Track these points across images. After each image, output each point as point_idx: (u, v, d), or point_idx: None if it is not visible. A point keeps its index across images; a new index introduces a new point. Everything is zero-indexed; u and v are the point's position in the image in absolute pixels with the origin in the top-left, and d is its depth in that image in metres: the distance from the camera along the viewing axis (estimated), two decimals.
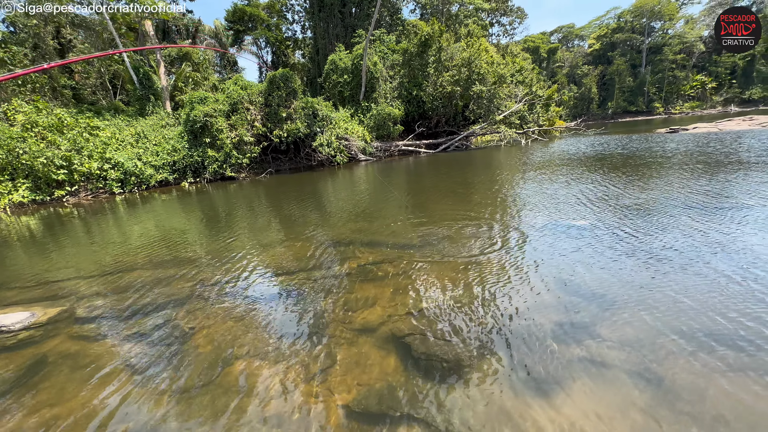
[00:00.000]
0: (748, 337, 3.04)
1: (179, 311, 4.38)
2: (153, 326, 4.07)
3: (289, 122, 20.70)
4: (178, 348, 3.60)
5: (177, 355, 3.49)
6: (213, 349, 3.51)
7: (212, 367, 3.25)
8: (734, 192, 7.63)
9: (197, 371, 3.21)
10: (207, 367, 3.25)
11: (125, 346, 3.72)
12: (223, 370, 3.18)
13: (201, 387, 3.00)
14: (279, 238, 7.29)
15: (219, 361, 3.33)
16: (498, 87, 27.10)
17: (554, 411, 2.48)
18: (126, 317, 4.36)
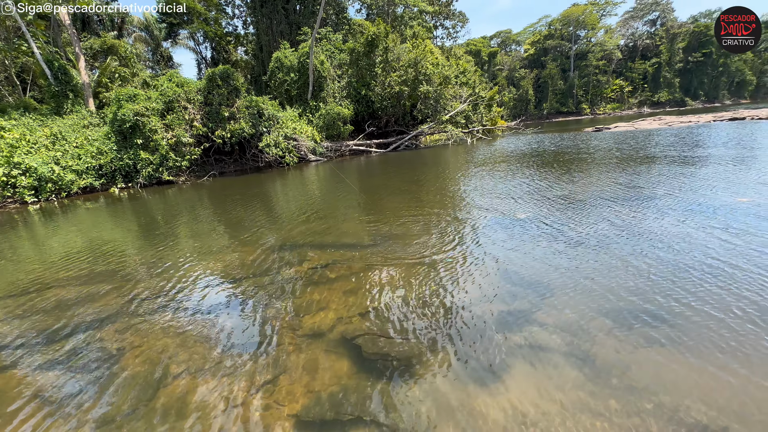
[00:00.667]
0: (661, 312, 3.41)
1: (106, 331, 3.93)
2: (73, 351, 3.61)
3: (232, 122, 19.66)
4: (103, 373, 3.22)
5: (101, 380, 3.12)
6: (145, 370, 3.20)
7: (144, 390, 2.95)
8: (646, 183, 8.58)
9: (126, 397, 2.89)
10: (138, 391, 2.94)
11: (40, 376, 3.26)
12: (158, 393, 2.91)
13: (130, 414, 2.71)
14: (223, 243, 6.87)
15: (152, 382, 3.03)
16: (443, 88, 28.00)
17: (498, 397, 2.59)
18: (42, 342, 3.82)
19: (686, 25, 71.21)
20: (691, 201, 6.79)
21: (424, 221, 7.03)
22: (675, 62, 70.64)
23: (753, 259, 4.24)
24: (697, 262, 4.29)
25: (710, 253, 4.50)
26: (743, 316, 3.21)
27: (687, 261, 4.35)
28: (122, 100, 17.37)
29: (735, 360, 2.73)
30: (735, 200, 6.56)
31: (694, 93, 72.70)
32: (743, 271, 3.98)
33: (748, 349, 2.83)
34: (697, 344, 2.94)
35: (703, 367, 2.70)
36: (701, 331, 3.09)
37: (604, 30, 72.31)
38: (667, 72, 70.18)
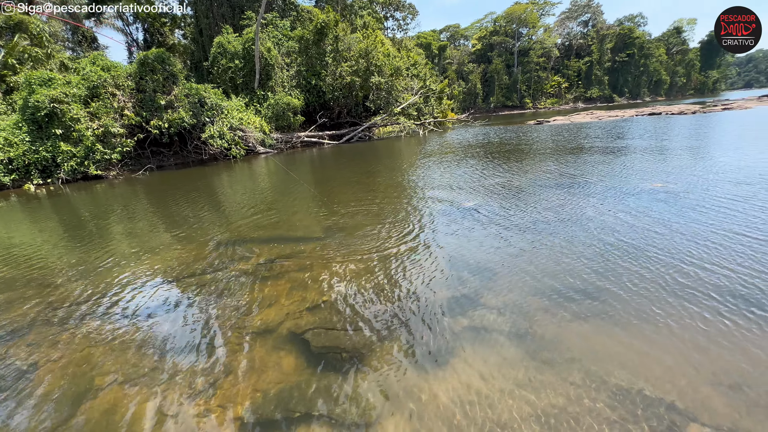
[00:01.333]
0: (589, 288, 3.70)
1: (15, 346, 3.45)
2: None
3: (170, 111, 18.15)
4: (10, 393, 2.82)
5: (7, 404, 2.73)
6: (64, 386, 2.85)
7: (61, 408, 2.63)
8: (578, 171, 9.31)
9: (37, 419, 2.56)
10: (53, 411, 2.62)
11: None
12: (78, 410, 2.61)
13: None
14: (161, 242, 6.35)
15: (71, 399, 2.72)
16: (395, 79, 28.08)
17: (446, 381, 2.66)
18: None
19: (613, 28, 77.87)
20: (614, 187, 7.47)
21: (376, 212, 7.02)
22: (604, 61, 77.10)
23: (664, 239, 4.76)
24: (619, 242, 4.73)
25: (629, 234, 4.98)
26: (658, 289, 3.59)
27: (611, 241, 4.78)
28: (34, 84, 15.27)
29: (650, 328, 3.05)
30: (650, 185, 7.32)
31: (620, 90, 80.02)
32: (658, 250, 4.45)
33: (661, 317, 3.17)
34: (619, 316, 3.23)
35: (623, 336, 2.98)
36: (622, 304, 3.41)
37: (543, 29, 76.81)
38: (597, 70, 76.44)
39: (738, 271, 3.77)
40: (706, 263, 4.00)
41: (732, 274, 3.73)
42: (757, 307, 3.17)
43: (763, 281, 3.54)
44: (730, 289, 3.46)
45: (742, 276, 3.68)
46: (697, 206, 5.87)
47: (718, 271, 3.80)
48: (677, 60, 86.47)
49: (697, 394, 2.36)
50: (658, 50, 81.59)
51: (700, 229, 4.96)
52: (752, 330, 2.90)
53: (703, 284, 3.60)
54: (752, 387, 2.38)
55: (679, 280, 3.71)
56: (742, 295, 3.36)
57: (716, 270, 3.84)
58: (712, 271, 3.83)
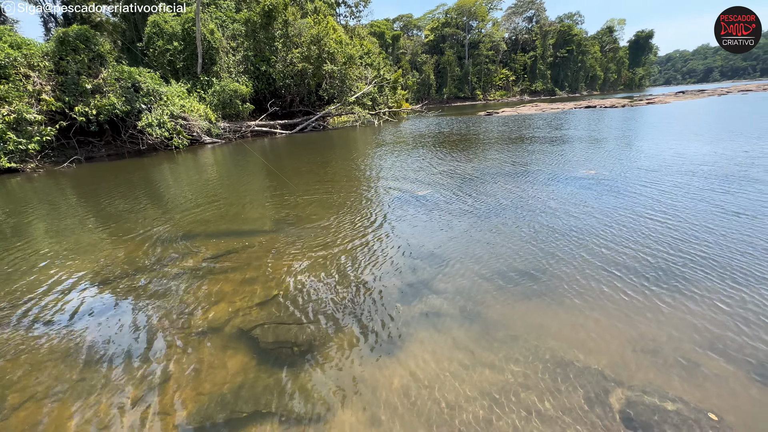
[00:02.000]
0: (533, 270, 3.95)
1: None
2: None
3: (98, 96, 16.40)
4: None
5: None
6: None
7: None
8: (522, 160, 9.86)
9: None
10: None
11: None
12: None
13: None
14: (92, 240, 5.76)
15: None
16: (348, 67, 27.62)
17: (400, 367, 2.70)
18: None
19: (554, 24, 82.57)
20: (553, 174, 8.00)
21: (329, 203, 6.91)
22: (547, 56, 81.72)
23: (595, 222, 5.19)
24: (556, 226, 5.09)
25: (565, 218, 5.37)
26: (589, 268, 3.92)
27: (549, 225, 5.13)
28: None
29: (582, 303, 3.32)
30: (585, 172, 7.94)
31: (561, 84, 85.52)
32: (590, 232, 4.85)
33: (591, 293, 3.47)
34: (556, 294, 3.48)
35: (560, 312, 3.22)
36: (559, 282, 3.67)
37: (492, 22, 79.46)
38: (541, 65, 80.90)
39: (655, 250, 4.22)
40: (631, 243, 4.42)
41: (651, 252, 4.17)
42: (665, 283, 3.57)
43: (673, 258, 4.00)
44: (648, 265, 3.87)
45: (658, 254, 4.12)
46: (623, 191, 6.46)
47: (639, 250, 4.23)
48: (610, 57, 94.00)
49: (621, 360, 2.62)
50: (594, 47, 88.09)
51: (625, 212, 5.47)
52: (662, 302, 3.27)
53: (626, 262, 3.98)
54: (664, 350, 2.68)
55: (606, 258, 4.08)
56: (657, 270, 3.76)
57: (637, 249, 4.26)
58: (634, 249, 4.25)
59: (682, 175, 7.20)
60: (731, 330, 2.83)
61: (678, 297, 3.30)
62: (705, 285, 3.44)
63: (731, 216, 5.01)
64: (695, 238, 4.41)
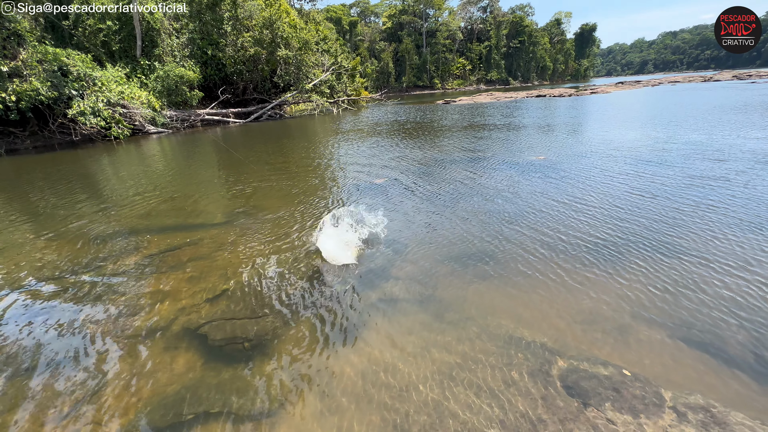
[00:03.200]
0: (484, 253, 4.10)
1: None
2: None
3: (17, 81, 14.58)
4: None
5: None
6: None
7: None
8: (477, 147, 10.16)
9: None
10: None
11: None
12: None
13: None
14: (19, 239, 5.16)
15: None
16: (304, 53, 26.71)
17: (357, 354, 2.70)
18: None
19: (507, 15, 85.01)
20: (505, 160, 8.33)
21: (284, 194, 6.71)
22: (501, 47, 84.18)
23: (541, 205, 5.49)
24: (505, 209, 5.31)
25: (514, 201, 5.63)
26: (534, 248, 4.14)
27: (499, 209, 5.35)
28: None
29: (529, 282, 3.51)
30: (534, 158, 8.35)
31: (515, 74, 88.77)
32: (535, 215, 5.12)
33: (537, 272, 3.67)
34: (506, 274, 3.65)
35: (510, 291, 3.38)
36: (507, 263, 3.85)
37: (448, 11, 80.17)
38: (495, 54, 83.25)
39: (594, 229, 4.54)
40: (574, 223, 4.72)
41: (591, 232, 4.48)
42: (606, 257, 3.87)
43: (609, 237, 4.33)
44: (588, 244, 4.16)
45: (596, 233, 4.44)
46: (567, 176, 6.88)
47: (582, 230, 4.53)
48: (558, 49, 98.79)
49: (561, 333, 2.81)
50: (543, 39, 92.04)
51: (570, 194, 5.84)
52: (603, 277, 3.54)
53: (569, 241, 4.25)
54: (599, 321, 2.91)
55: (550, 239, 4.33)
56: (595, 248, 4.06)
57: (580, 228, 4.57)
58: (576, 229, 4.55)
59: (619, 161, 7.79)
60: (657, 298, 3.13)
61: (611, 272, 3.58)
62: (634, 260, 3.76)
63: (659, 198, 5.51)
64: (627, 219, 4.81)
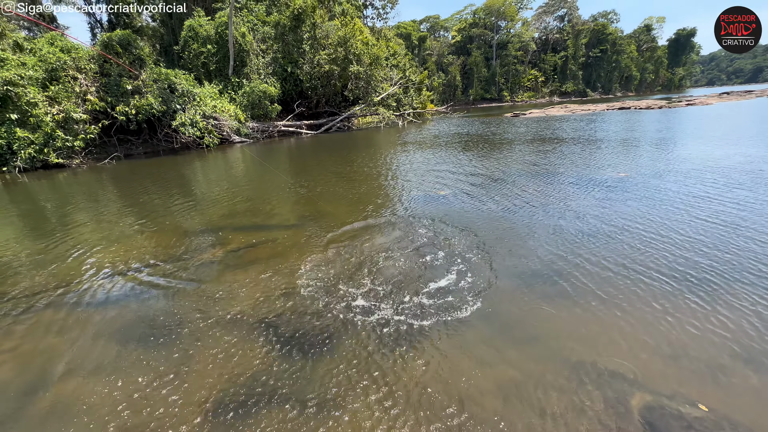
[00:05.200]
0: (555, 272, 3.87)
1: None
2: None
3: (137, 97, 17.34)
4: None
5: None
6: (22, 375, 2.75)
7: (20, 396, 2.55)
8: (551, 162, 9.61)
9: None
10: (12, 398, 2.53)
11: None
12: (33, 400, 2.53)
13: (3, 423, 2.33)
14: (128, 231, 6.12)
15: (30, 388, 2.63)
16: (374, 68, 27.81)
17: (418, 360, 2.73)
18: None
19: (588, 23, 79.76)
20: (583, 176, 7.76)
21: (351, 201, 7.02)
22: (579, 56, 79.01)
23: (623, 225, 5.01)
24: (581, 228, 4.95)
25: (591, 220, 5.21)
26: (613, 271, 3.80)
27: (574, 226, 4.99)
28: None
29: (604, 307, 3.23)
30: (617, 174, 7.66)
31: (594, 85, 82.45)
32: (616, 235, 4.69)
33: (614, 297, 3.37)
34: (577, 296, 3.41)
35: (581, 314, 3.15)
36: (580, 284, 3.59)
37: (521, 22, 77.73)
38: (572, 65, 78.32)
39: (685, 255, 4.03)
40: (659, 248, 4.24)
41: (680, 257, 3.99)
42: (697, 287, 3.41)
43: (703, 265, 3.81)
44: (676, 271, 3.71)
45: (687, 259, 3.93)
46: (655, 195, 6.19)
47: (668, 255, 4.05)
48: (647, 57, 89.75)
49: (644, 364, 2.54)
50: (630, 47, 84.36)
51: (655, 216, 5.25)
52: (693, 307, 3.13)
53: (653, 266, 3.83)
54: (690, 357, 2.58)
55: (632, 263, 3.94)
56: (686, 276, 3.60)
57: (666, 253, 4.09)
58: (663, 254, 4.07)
59: (719, 182, 6.81)
60: (763, 340, 2.68)
61: (707, 304, 3.15)
62: (735, 293, 3.26)
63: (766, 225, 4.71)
64: (729, 245, 4.18)
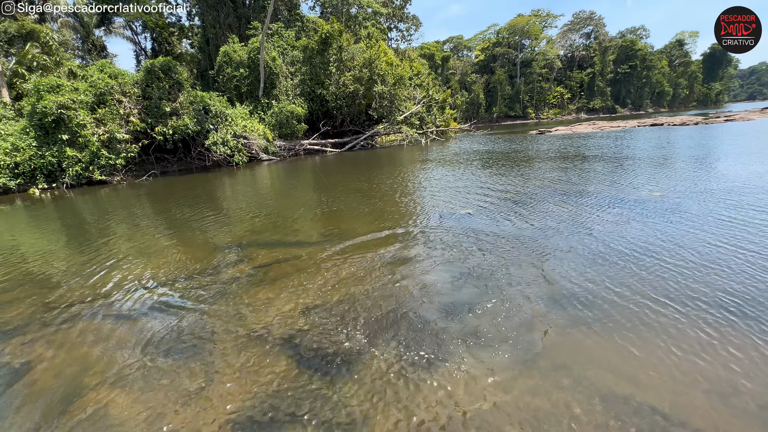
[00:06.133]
0: (586, 297, 3.70)
1: (11, 344, 3.49)
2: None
3: (174, 118, 18.43)
4: (2, 390, 2.85)
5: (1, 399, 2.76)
6: (56, 384, 2.88)
7: (53, 405, 2.65)
8: (579, 180, 9.33)
9: (30, 415, 2.58)
10: (45, 407, 2.64)
11: None
12: (69, 408, 2.63)
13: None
14: (160, 245, 6.40)
15: (64, 397, 2.74)
16: (398, 88, 28.38)
17: (437, 385, 2.65)
18: None
19: (615, 40, 78.53)
20: (613, 195, 7.47)
21: (374, 218, 7.06)
22: (607, 73, 77.56)
23: (659, 249, 4.75)
24: (613, 251, 4.73)
25: (624, 243, 4.98)
26: (651, 298, 3.58)
27: (605, 249, 4.78)
28: (42, 90, 15.57)
29: (642, 336, 3.03)
30: (650, 195, 7.32)
31: (623, 101, 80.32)
32: (652, 260, 4.45)
33: (653, 326, 3.16)
34: (612, 323, 3.22)
35: (616, 343, 2.97)
36: (615, 311, 3.40)
37: (546, 40, 77.58)
38: (600, 81, 76.88)
39: (732, 283, 3.75)
40: (699, 274, 3.98)
41: (727, 286, 3.72)
42: (744, 319, 3.15)
43: (755, 295, 3.52)
44: (723, 301, 3.45)
45: (735, 288, 3.66)
46: (695, 218, 5.86)
47: (710, 282, 3.79)
48: (680, 72, 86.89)
49: (687, 401, 2.35)
50: (661, 62, 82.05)
51: (695, 239, 4.95)
52: (741, 340, 2.89)
53: (694, 294, 3.58)
54: (740, 395, 2.36)
55: (670, 289, 3.70)
56: (735, 307, 3.34)
57: (708, 281, 3.82)
58: (704, 281, 3.81)
59: (764, 201, 6.38)
60: None
61: (758, 338, 2.89)
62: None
63: None
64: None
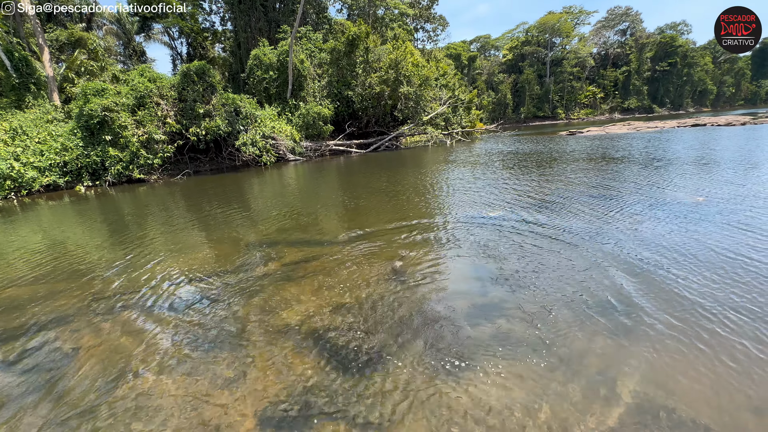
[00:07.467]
0: (624, 304, 3.54)
1: (61, 331, 3.74)
2: (23, 352, 3.41)
3: (207, 119, 19.16)
4: (54, 374, 3.06)
5: (52, 381, 2.96)
6: (101, 370, 3.06)
7: (99, 390, 2.82)
8: (614, 183, 8.94)
9: (78, 397, 2.76)
10: (92, 391, 2.81)
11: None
12: (114, 392, 2.79)
13: (82, 414, 2.59)
14: (194, 242, 6.67)
15: (108, 382, 2.90)
16: (424, 89, 28.26)
17: (465, 387, 2.61)
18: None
19: (654, 36, 74.75)
20: (652, 199, 7.11)
21: (400, 218, 7.05)
22: (643, 71, 73.96)
23: (703, 256, 4.47)
24: (654, 257, 4.50)
25: (666, 249, 4.72)
26: (693, 308, 3.38)
27: (647, 256, 4.55)
28: (89, 94, 16.61)
29: (684, 347, 2.87)
30: (693, 199, 6.91)
31: (661, 100, 76.34)
32: (696, 267, 4.19)
33: (696, 337, 2.98)
34: (652, 333, 3.07)
35: (655, 353, 2.82)
36: (654, 320, 3.23)
37: (578, 38, 74.92)
38: (636, 80, 73.42)
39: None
40: (747, 285, 3.72)
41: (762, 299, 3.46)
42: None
43: None
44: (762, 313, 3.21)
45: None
46: (741, 224, 5.48)
47: (759, 295, 3.53)
48: (725, 69, 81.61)
49: (731, 418, 2.20)
50: (704, 59, 77.32)
51: (742, 248, 4.63)
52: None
53: (741, 306, 3.35)
54: None
55: (715, 300, 3.48)
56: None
57: (756, 293, 3.56)
58: (752, 293, 3.56)
59: None
60: None
61: None
62: None
63: None
64: None
